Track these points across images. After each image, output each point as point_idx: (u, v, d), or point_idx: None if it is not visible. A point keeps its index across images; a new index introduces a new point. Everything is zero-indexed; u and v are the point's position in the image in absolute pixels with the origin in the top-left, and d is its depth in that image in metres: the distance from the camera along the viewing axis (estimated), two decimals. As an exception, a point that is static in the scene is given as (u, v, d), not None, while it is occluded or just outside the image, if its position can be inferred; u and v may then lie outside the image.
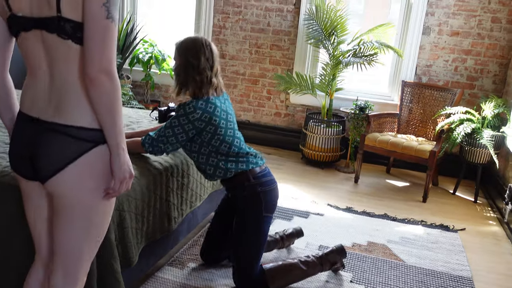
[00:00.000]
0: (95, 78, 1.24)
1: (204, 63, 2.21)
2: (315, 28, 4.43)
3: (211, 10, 5.07)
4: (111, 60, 1.26)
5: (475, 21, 4.36)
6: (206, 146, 2.24)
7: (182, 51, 2.24)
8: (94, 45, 1.24)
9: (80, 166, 1.32)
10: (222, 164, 2.26)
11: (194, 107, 2.16)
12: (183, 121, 2.17)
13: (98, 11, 1.23)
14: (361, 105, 4.36)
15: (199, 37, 2.28)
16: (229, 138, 2.26)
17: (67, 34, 1.26)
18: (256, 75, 5.12)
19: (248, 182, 2.26)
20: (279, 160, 4.71)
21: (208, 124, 2.19)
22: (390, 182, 4.34)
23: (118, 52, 4.93)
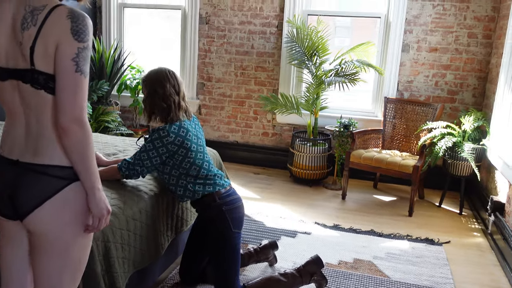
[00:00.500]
0: (67, 127, 1.34)
1: (170, 89, 2.41)
2: (297, 49, 4.54)
3: (196, 35, 5.18)
4: (82, 109, 1.35)
5: (452, 37, 4.49)
6: (176, 169, 2.39)
7: (148, 82, 2.44)
8: (65, 97, 1.34)
9: (57, 203, 1.40)
10: (191, 186, 2.40)
11: (168, 131, 2.32)
12: (157, 145, 2.32)
13: (68, 65, 1.33)
14: (345, 122, 4.46)
15: (162, 68, 2.48)
16: (199, 161, 2.42)
17: (40, 85, 1.36)
18: (242, 96, 5.21)
19: (214, 203, 2.41)
20: (268, 180, 4.78)
21: (180, 147, 2.35)
22: (377, 197, 4.41)
23: (106, 79, 5.02)
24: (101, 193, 1.44)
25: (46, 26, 1.33)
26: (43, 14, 1.34)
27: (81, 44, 1.35)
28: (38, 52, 1.33)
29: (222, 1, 5.06)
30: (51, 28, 1.33)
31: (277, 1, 4.91)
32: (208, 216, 2.45)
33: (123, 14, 5.51)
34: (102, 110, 4.91)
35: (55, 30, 1.33)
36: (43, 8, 1.35)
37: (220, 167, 3.26)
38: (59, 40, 1.33)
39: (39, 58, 1.33)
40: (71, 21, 1.34)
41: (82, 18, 1.36)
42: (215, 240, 2.41)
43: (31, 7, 1.36)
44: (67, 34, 1.33)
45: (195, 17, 5.15)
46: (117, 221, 2.07)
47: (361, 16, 4.92)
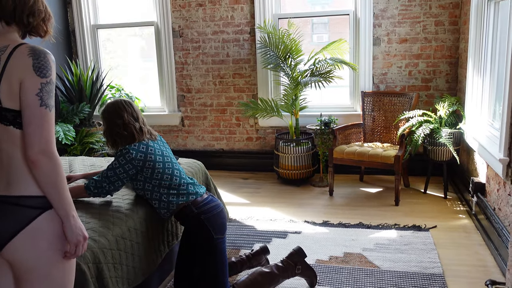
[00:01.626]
0: (36, 160, 1.41)
1: (128, 118, 2.54)
2: (270, 54, 4.63)
3: (171, 49, 5.25)
4: (49, 141, 1.42)
5: (420, 27, 4.61)
6: (149, 182, 2.49)
7: (106, 115, 2.58)
8: (32, 131, 1.41)
9: (30, 232, 1.46)
10: (165, 198, 2.48)
11: (128, 149, 2.46)
12: (122, 161, 2.44)
13: (33, 100, 1.40)
14: (325, 120, 4.55)
15: (118, 99, 2.63)
16: (168, 170, 2.51)
17: (8, 121, 1.43)
18: (223, 104, 5.28)
19: (192, 214, 2.47)
20: (256, 184, 4.85)
21: (145, 161, 2.45)
22: (364, 189, 4.50)
23: (86, 102, 5.06)
24: (76, 220, 1.50)
25: (9, 65, 1.41)
26: (6, 54, 1.42)
27: (44, 79, 1.42)
28: (4, 91, 1.40)
29: (194, 14, 5.14)
30: (14, 67, 1.41)
31: (247, 8, 4.99)
32: (189, 227, 2.52)
33: (97, 35, 5.56)
34: (85, 132, 4.95)
35: (18, 69, 1.40)
36: (5, 49, 1.43)
37: (206, 177, 3.33)
38: (23, 78, 1.40)
39: (5, 96, 1.41)
40: (33, 58, 1.41)
41: (43, 55, 1.44)
42: (201, 249, 2.47)
43: None
44: (30, 71, 1.40)
45: (168, 31, 5.21)
46: (106, 242, 2.12)
47: (330, 15, 5.02)
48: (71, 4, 5.44)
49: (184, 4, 5.14)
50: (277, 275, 2.59)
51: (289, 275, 2.66)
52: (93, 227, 2.18)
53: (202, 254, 2.48)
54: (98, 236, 2.11)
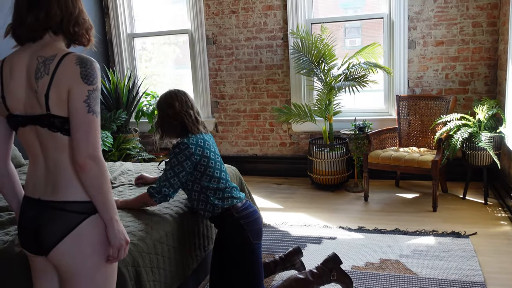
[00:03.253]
0: (84, 164, 1.45)
1: (179, 107, 2.50)
2: (303, 59, 4.63)
3: (205, 56, 5.32)
4: (96, 146, 1.47)
5: (457, 29, 4.51)
6: (198, 182, 2.47)
7: (158, 106, 2.57)
8: (80, 136, 1.46)
9: (76, 237, 1.51)
10: (211, 200, 2.48)
11: (187, 143, 2.42)
12: (181, 159, 2.41)
13: (81, 107, 1.46)
14: (360, 125, 4.50)
15: (171, 90, 2.59)
16: (217, 171, 2.50)
17: (56, 128, 1.48)
18: (256, 110, 5.31)
19: (232, 218, 2.47)
20: (290, 189, 4.84)
21: (202, 157, 2.44)
22: (400, 195, 4.42)
23: (123, 109, 5.18)
24: (119, 224, 1.55)
25: (57, 74, 1.46)
26: (54, 63, 1.47)
27: (91, 86, 1.47)
28: (53, 98, 1.46)
29: (227, 21, 5.20)
30: (62, 75, 1.46)
31: (280, 14, 5.01)
32: (227, 231, 2.51)
33: (133, 43, 5.69)
34: (122, 138, 5.07)
35: (66, 77, 1.46)
36: (53, 58, 1.48)
37: (241, 182, 3.35)
38: (71, 85, 1.45)
39: (53, 103, 1.46)
40: (80, 66, 1.47)
41: (89, 63, 1.49)
42: (237, 254, 2.47)
43: (43, 58, 1.49)
44: (77, 79, 1.46)
45: (202, 39, 5.29)
46: (145, 246, 2.17)
47: (363, 19, 4.98)
48: (108, 14, 5.60)
49: (218, 11, 5.21)
50: (311, 282, 2.58)
51: (324, 281, 2.63)
52: (132, 231, 2.23)
53: (238, 259, 2.48)
54: (137, 240, 2.16)
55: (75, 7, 1.58)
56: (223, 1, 5.17)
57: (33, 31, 1.53)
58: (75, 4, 1.58)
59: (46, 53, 1.50)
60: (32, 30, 1.53)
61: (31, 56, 1.51)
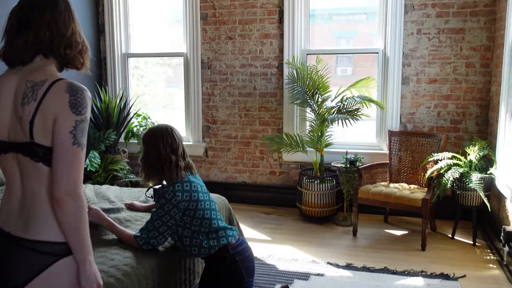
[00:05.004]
0: (61, 200, 1.37)
1: (164, 150, 2.40)
2: (298, 89, 4.63)
3: (199, 80, 5.30)
4: (78, 182, 1.40)
5: (450, 68, 4.56)
6: (188, 228, 2.40)
7: (144, 142, 2.49)
8: (61, 169, 1.38)
9: (45, 279, 1.42)
10: (205, 244, 2.40)
11: (173, 191, 2.34)
12: (167, 208, 2.34)
13: (66, 138, 1.38)
14: (351, 158, 4.48)
15: (160, 125, 2.50)
16: (207, 213, 2.42)
17: (39, 158, 1.41)
18: (247, 137, 5.27)
19: (227, 254, 2.41)
20: (278, 220, 4.77)
21: (189, 202, 2.37)
22: (389, 231, 4.38)
23: (112, 129, 5.11)
24: (92, 265, 1.46)
25: (45, 100, 1.39)
26: (43, 89, 1.40)
27: (79, 117, 1.40)
28: (37, 126, 1.39)
29: (223, 46, 5.20)
30: (50, 102, 1.39)
31: (276, 43, 5.03)
32: (220, 268, 2.44)
33: (127, 63, 5.66)
34: (110, 159, 4.98)
35: (54, 104, 1.39)
36: (43, 83, 1.42)
37: (230, 213, 3.28)
38: (58, 114, 1.38)
39: (38, 131, 1.39)
40: (70, 94, 1.40)
41: (80, 91, 1.42)
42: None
43: (32, 83, 1.42)
44: (65, 108, 1.39)
45: (197, 63, 5.27)
46: (129, 281, 2.08)
47: (359, 53, 5.02)
48: (104, 33, 5.56)
49: (214, 36, 5.21)
50: None
51: None
52: (117, 264, 2.15)
53: None
54: (121, 275, 2.08)
55: (68, 28, 1.51)
56: (220, 27, 5.18)
57: (22, 54, 1.47)
58: (67, 25, 1.51)
59: (36, 78, 1.43)
60: (21, 53, 1.47)
61: (19, 80, 1.45)
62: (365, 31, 5.21)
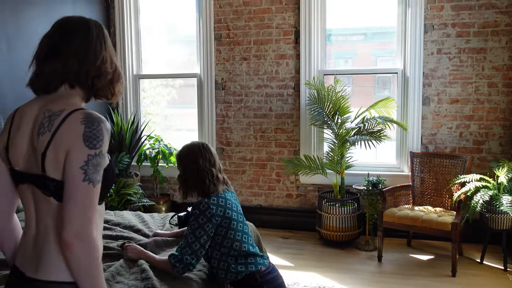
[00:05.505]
0: (70, 243, 1.25)
1: (203, 164, 2.39)
2: (319, 111, 4.53)
3: (213, 101, 5.20)
4: (88, 222, 1.27)
5: (472, 88, 4.48)
6: (218, 249, 2.32)
7: (181, 159, 2.45)
8: (70, 207, 1.26)
9: None
10: (233, 268, 2.31)
11: (208, 203, 2.29)
12: (201, 221, 2.26)
13: (76, 173, 1.27)
14: (373, 181, 4.36)
15: (195, 142, 2.49)
16: (239, 234, 2.35)
17: (50, 192, 1.31)
18: (263, 159, 5.15)
19: (255, 282, 2.31)
20: (298, 244, 4.62)
21: (223, 219, 2.29)
22: (414, 256, 4.24)
23: (125, 152, 4.98)
24: None
25: (60, 132, 1.29)
26: (59, 119, 1.31)
27: (92, 151, 1.29)
28: (50, 158, 1.29)
29: (237, 67, 5.12)
30: (64, 134, 1.29)
31: (292, 64, 4.95)
32: None
33: (139, 85, 5.56)
34: (123, 182, 4.84)
35: (67, 136, 1.29)
36: (60, 113, 1.32)
37: (258, 240, 3.14)
38: (70, 147, 1.28)
39: (50, 164, 1.29)
40: (85, 126, 1.29)
41: (97, 123, 1.31)
42: None
43: (50, 112, 1.33)
44: (79, 140, 1.28)
45: (211, 84, 5.19)
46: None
47: (378, 73, 4.95)
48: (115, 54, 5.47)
49: (229, 57, 5.14)
50: None
51: None
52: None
53: None
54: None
55: (97, 57, 1.41)
56: (235, 48, 5.11)
57: (48, 83, 1.38)
58: (98, 54, 1.41)
59: (55, 107, 1.33)
60: (46, 81, 1.38)
61: (40, 109, 1.35)
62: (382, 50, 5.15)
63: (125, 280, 2.17)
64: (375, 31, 5.18)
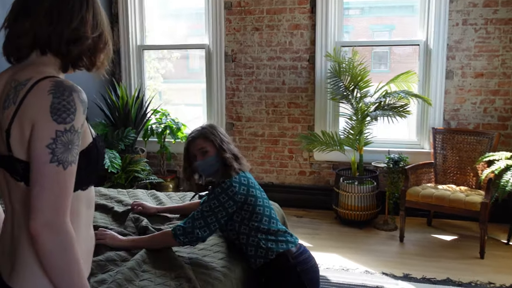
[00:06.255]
0: (37, 234, 1.02)
1: (219, 144, 2.25)
2: (338, 84, 4.29)
3: (222, 74, 4.93)
4: (59, 210, 1.04)
5: (498, 61, 4.26)
6: (246, 224, 2.15)
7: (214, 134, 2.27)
8: (36, 193, 1.03)
9: None
10: (263, 244, 2.13)
11: (230, 182, 2.12)
12: (223, 199, 2.10)
13: (42, 153, 1.03)
14: (395, 158, 4.16)
15: (204, 125, 2.34)
16: (267, 210, 2.19)
17: (19, 176, 1.09)
18: (275, 134, 4.93)
19: (287, 264, 2.13)
20: (313, 224, 4.44)
21: (247, 197, 2.13)
22: (436, 236, 4.08)
23: (131, 127, 4.72)
24: None
25: (24, 104, 1.06)
26: (25, 89, 1.07)
27: (62, 126, 1.05)
28: (15, 136, 1.07)
29: (249, 38, 4.83)
30: (29, 106, 1.06)
31: (307, 34, 4.68)
32: (280, 280, 2.15)
33: (143, 56, 5.26)
34: (129, 159, 4.59)
35: (33, 109, 1.05)
36: (26, 83, 1.08)
37: (284, 221, 2.94)
38: (35, 121, 1.05)
39: (15, 143, 1.07)
40: (53, 96, 1.05)
41: (68, 92, 1.07)
42: None
43: (16, 82, 1.09)
44: (45, 113, 1.04)
45: (221, 55, 4.91)
46: None
47: (398, 45, 4.70)
48: (118, 23, 5.16)
49: (240, 27, 4.85)
50: None
51: None
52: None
53: None
54: None
55: (73, 17, 1.14)
56: (246, 17, 4.81)
57: (17, 48, 1.14)
58: (74, 13, 1.14)
59: (22, 77, 1.09)
60: (15, 47, 1.14)
61: (8, 80, 1.12)
62: (402, 22, 4.90)
63: (153, 269, 1.95)
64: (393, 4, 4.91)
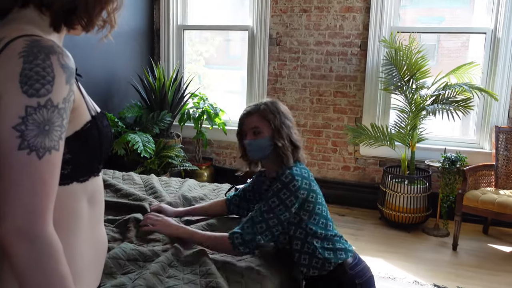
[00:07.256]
0: (8, 244, 0.77)
1: (288, 127, 1.98)
2: (393, 74, 3.91)
3: (265, 58, 4.63)
4: (34, 213, 0.78)
5: None
6: (303, 228, 1.80)
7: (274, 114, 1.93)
8: (6, 190, 0.78)
9: None
10: (319, 253, 1.78)
11: (292, 174, 1.78)
12: (283, 196, 1.76)
13: (8, 137, 0.78)
14: (452, 157, 3.77)
15: (272, 99, 2.04)
16: (324, 210, 1.87)
17: None
18: (319, 125, 4.60)
19: (344, 276, 1.81)
20: (356, 223, 4.12)
21: (310, 192, 1.80)
22: (494, 246, 3.68)
23: (167, 110, 4.50)
24: None
25: None
26: None
27: (34, 99, 0.78)
28: None
29: (296, 20, 4.50)
30: None
31: (360, 18, 4.31)
32: None
33: (183, 36, 5.02)
34: (163, 144, 4.38)
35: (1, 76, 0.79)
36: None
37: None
38: (1, 94, 0.79)
39: None
40: (24, 60, 0.79)
41: (44, 54, 0.80)
42: None
43: None
44: (12, 83, 0.78)
45: (265, 38, 4.60)
46: None
47: (462, 32, 4.25)
48: (158, 2, 4.93)
49: (286, 8, 4.52)
50: None
51: None
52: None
53: None
54: None
55: None
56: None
57: None
58: None
59: None
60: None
61: None
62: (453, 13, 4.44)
63: (180, 274, 1.70)
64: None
